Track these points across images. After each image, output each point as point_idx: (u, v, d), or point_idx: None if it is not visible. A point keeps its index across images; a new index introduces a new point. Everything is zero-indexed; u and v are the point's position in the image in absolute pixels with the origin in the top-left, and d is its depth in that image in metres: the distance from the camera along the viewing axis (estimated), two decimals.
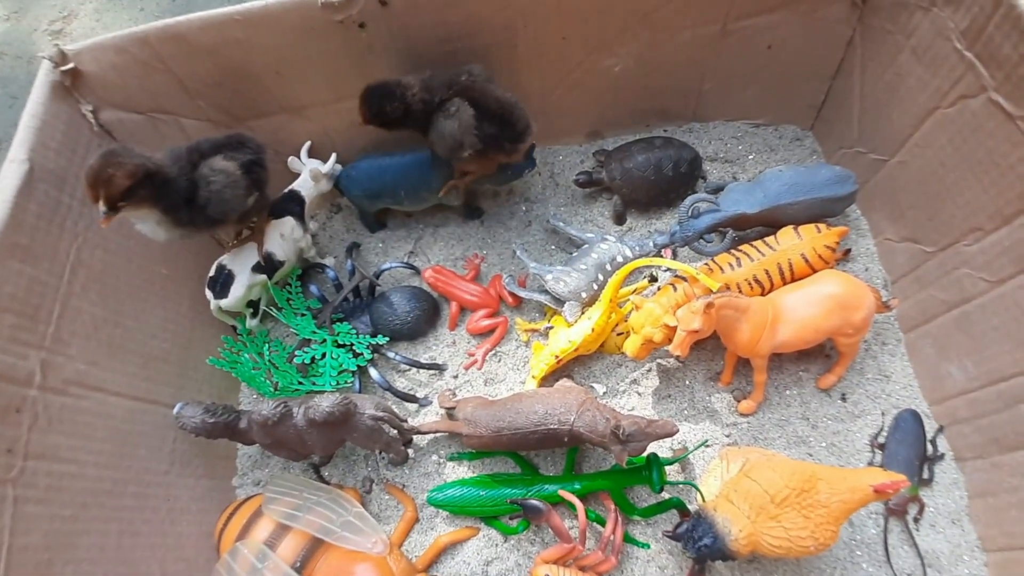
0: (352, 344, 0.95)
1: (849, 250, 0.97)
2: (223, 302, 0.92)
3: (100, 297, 0.80)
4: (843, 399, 0.90)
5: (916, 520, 0.82)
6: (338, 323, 0.98)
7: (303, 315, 0.98)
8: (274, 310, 0.95)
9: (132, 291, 0.85)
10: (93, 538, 0.70)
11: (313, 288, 1.01)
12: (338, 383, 0.92)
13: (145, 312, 0.86)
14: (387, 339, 0.97)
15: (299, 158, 0.99)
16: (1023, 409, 0.74)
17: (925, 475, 0.83)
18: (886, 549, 0.81)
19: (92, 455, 0.73)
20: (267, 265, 0.94)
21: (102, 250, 0.81)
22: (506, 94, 0.85)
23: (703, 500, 0.79)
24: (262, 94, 0.91)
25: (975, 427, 0.81)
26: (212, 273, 0.93)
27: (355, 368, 0.93)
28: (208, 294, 0.93)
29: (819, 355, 0.92)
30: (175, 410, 0.79)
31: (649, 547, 0.83)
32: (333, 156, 0.99)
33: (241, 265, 0.93)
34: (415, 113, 0.85)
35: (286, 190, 0.98)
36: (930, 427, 0.86)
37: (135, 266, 0.86)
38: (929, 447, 0.85)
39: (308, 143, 0.99)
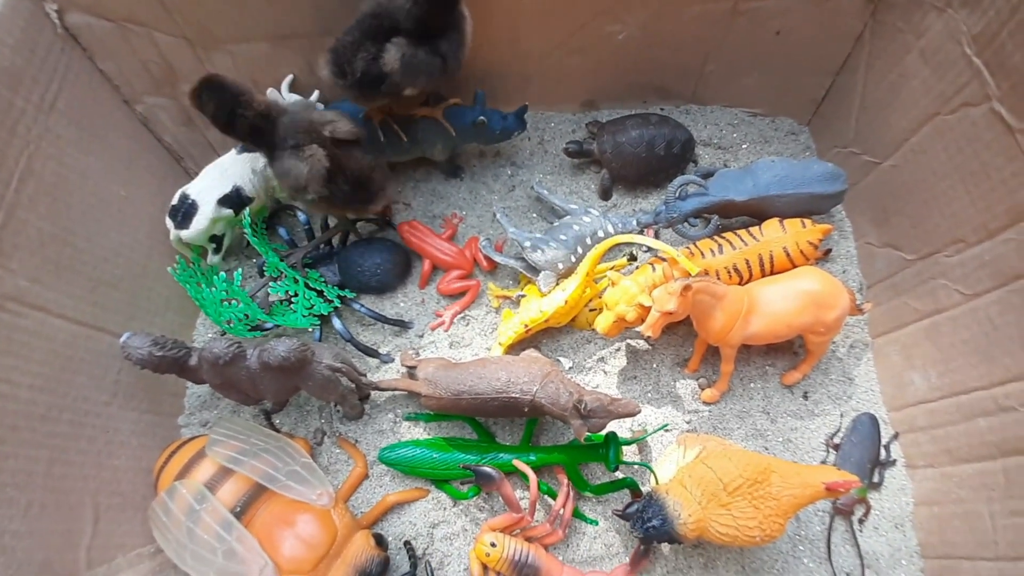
0: (322, 291, 0.92)
1: (830, 250, 0.97)
2: (184, 233, 0.88)
3: (49, 212, 0.75)
4: (805, 397, 0.90)
5: (861, 521, 0.83)
6: (308, 268, 0.95)
7: (270, 253, 0.94)
8: (249, 231, 0.90)
9: (86, 210, 0.80)
10: (20, 463, 0.67)
11: (281, 231, 0.97)
12: (308, 322, 0.88)
13: (98, 234, 0.82)
14: (354, 294, 0.94)
15: (279, 91, 0.94)
16: (980, 423, 0.75)
17: (875, 479, 0.84)
18: (828, 547, 0.82)
19: (27, 376, 0.69)
20: (235, 199, 0.90)
21: (56, 162, 0.76)
22: (365, 158, 0.85)
23: (656, 483, 0.79)
24: (245, 17, 0.85)
25: (930, 436, 0.82)
26: (175, 202, 0.89)
27: (325, 312, 0.89)
28: (168, 223, 0.88)
29: (787, 351, 0.92)
30: (122, 339, 0.76)
31: (597, 524, 0.83)
32: (316, 93, 0.94)
33: (207, 196, 0.88)
34: (245, 128, 0.79)
35: None
36: (886, 433, 0.87)
37: (91, 183, 0.81)
38: (883, 452, 0.86)
39: (290, 76, 0.94)
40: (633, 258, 0.96)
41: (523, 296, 0.92)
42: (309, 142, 0.79)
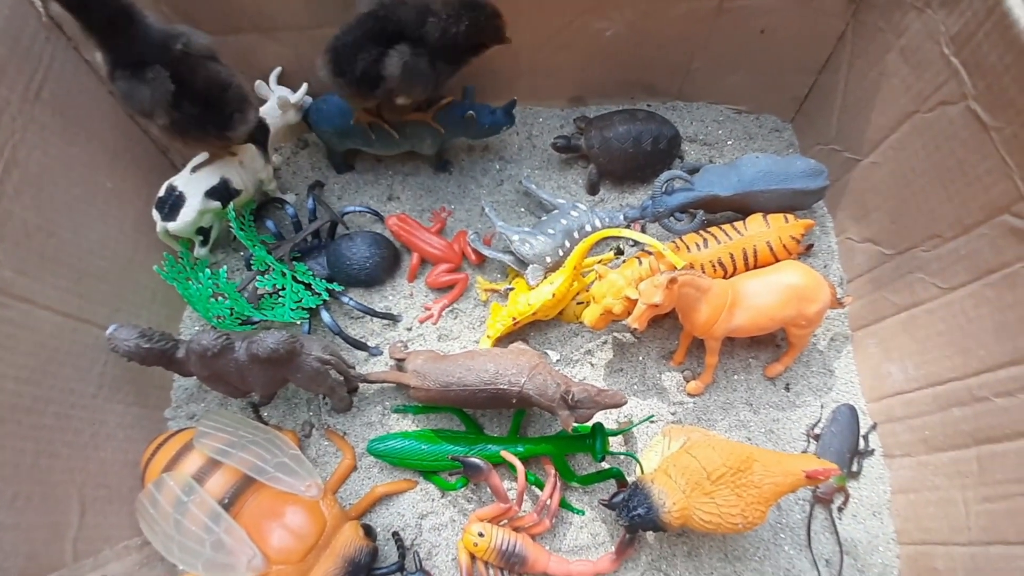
0: (310, 284, 0.92)
1: (812, 245, 0.99)
2: (170, 225, 0.87)
3: (35, 202, 0.74)
4: (787, 389, 0.92)
5: (840, 509, 0.85)
6: (295, 261, 0.95)
7: (257, 247, 0.94)
8: (235, 224, 0.89)
9: (71, 201, 0.79)
10: (6, 455, 0.66)
11: (269, 224, 0.97)
12: (296, 316, 0.88)
13: (84, 225, 0.81)
14: (343, 288, 0.94)
15: (267, 83, 0.94)
16: (954, 413, 0.77)
17: (854, 468, 0.86)
18: (808, 534, 0.84)
19: (12, 368, 0.69)
20: (222, 192, 0.89)
21: (41, 152, 0.75)
22: (223, 73, 0.79)
23: (642, 472, 0.80)
24: (233, 7, 0.85)
25: (907, 426, 0.84)
26: (161, 194, 0.88)
27: (313, 305, 0.90)
28: (155, 215, 0.88)
29: (770, 344, 0.94)
30: (108, 331, 0.75)
31: (584, 514, 0.84)
32: (304, 86, 0.94)
33: (194, 188, 0.88)
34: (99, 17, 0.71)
35: None
36: (865, 423, 0.89)
37: (76, 175, 0.80)
38: (861, 442, 0.88)
39: (278, 68, 0.94)
40: (620, 252, 0.97)
41: (511, 289, 0.93)
42: (154, 63, 0.74)
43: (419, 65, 0.78)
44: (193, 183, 0.88)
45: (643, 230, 0.98)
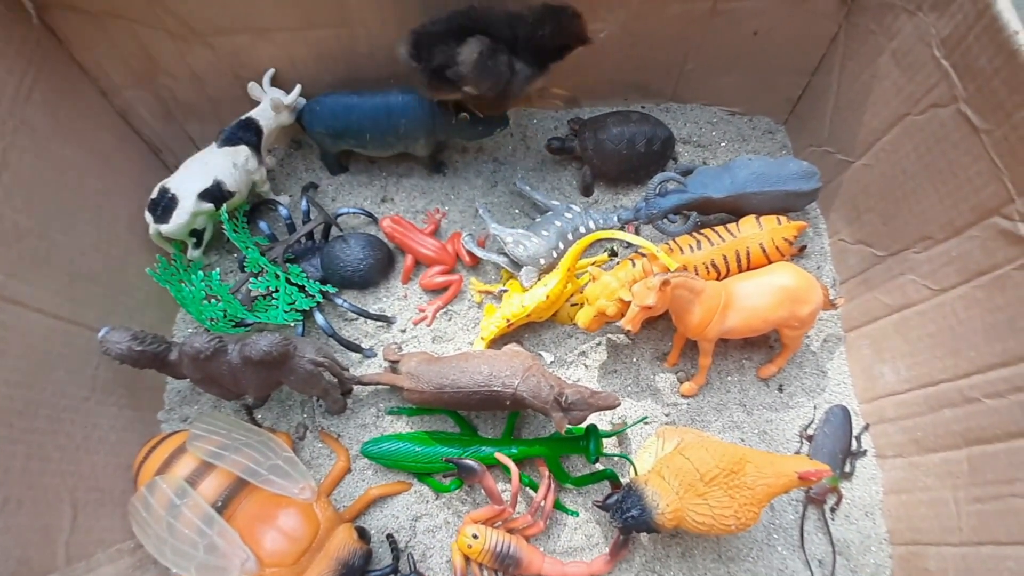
0: (304, 286, 0.91)
1: (804, 246, 0.99)
2: (163, 227, 0.87)
3: (26, 205, 0.74)
4: (780, 390, 0.92)
5: (833, 510, 0.86)
6: (289, 263, 0.95)
7: (250, 248, 0.93)
8: (228, 226, 0.88)
9: (63, 203, 0.79)
10: None
11: (263, 225, 0.97)
12: (289, 318, 0.88)
13: (76, 228, 0.81)
14: (336, 289, 0.94)
15: (260, 85, 0.93)
16: (945, 414, 0.77)
17: (847, 469, 0.87)
18: (801, 535, 0.84)
19: (3, 371, 0.68)
20: (216, 194, 0.89)
21: (32, 155, 0.75)
22: None
23: (635, 474, 0.80)
24: (227, 8, 0.84)
25: (899, 427, 0.85)
26: (154, 196, 0.88)
27: (307, 307, 0.89)
28: (148, 217, 0.87)
29: (763, 345, 0.94)
30: (100, 334, 0.75)
31: (578, 515, 0.84)
32: (297, 88, 0.94)
33: (187, 190, 0.87)
34: None
35: (243, 117, 0.92)
36: (857, 424, 0.90)
37: (68, 177, 0.80)
38: (854, 443, 0.88)
39: (271, 70, 0.94)
40: (614, 253, 0.97)
41: (505, 291, 0.93)
42: None
43: (497, 57, 0.79)
44: (186, 185, 0.88)
45: (637, 232, 0.98)
